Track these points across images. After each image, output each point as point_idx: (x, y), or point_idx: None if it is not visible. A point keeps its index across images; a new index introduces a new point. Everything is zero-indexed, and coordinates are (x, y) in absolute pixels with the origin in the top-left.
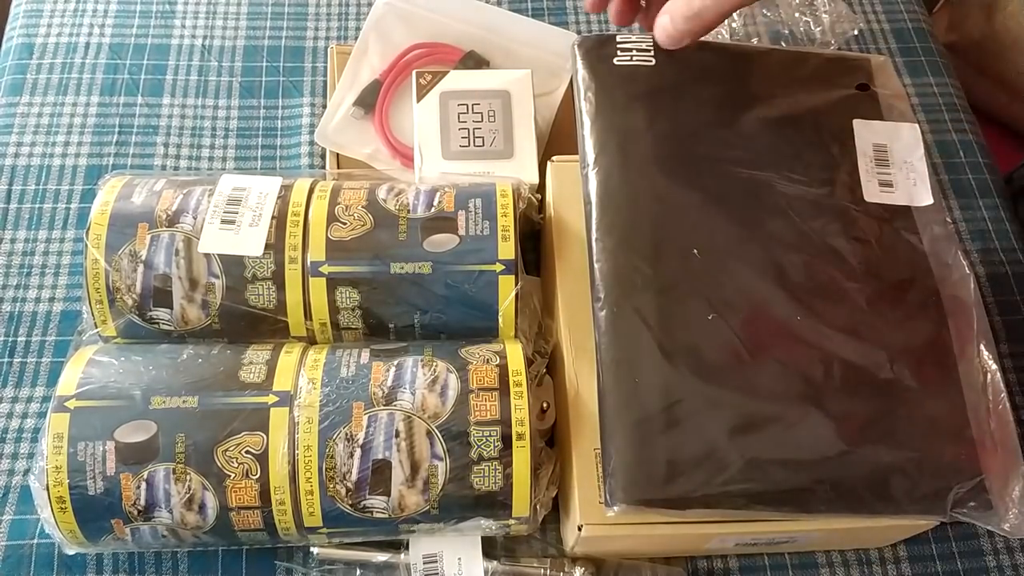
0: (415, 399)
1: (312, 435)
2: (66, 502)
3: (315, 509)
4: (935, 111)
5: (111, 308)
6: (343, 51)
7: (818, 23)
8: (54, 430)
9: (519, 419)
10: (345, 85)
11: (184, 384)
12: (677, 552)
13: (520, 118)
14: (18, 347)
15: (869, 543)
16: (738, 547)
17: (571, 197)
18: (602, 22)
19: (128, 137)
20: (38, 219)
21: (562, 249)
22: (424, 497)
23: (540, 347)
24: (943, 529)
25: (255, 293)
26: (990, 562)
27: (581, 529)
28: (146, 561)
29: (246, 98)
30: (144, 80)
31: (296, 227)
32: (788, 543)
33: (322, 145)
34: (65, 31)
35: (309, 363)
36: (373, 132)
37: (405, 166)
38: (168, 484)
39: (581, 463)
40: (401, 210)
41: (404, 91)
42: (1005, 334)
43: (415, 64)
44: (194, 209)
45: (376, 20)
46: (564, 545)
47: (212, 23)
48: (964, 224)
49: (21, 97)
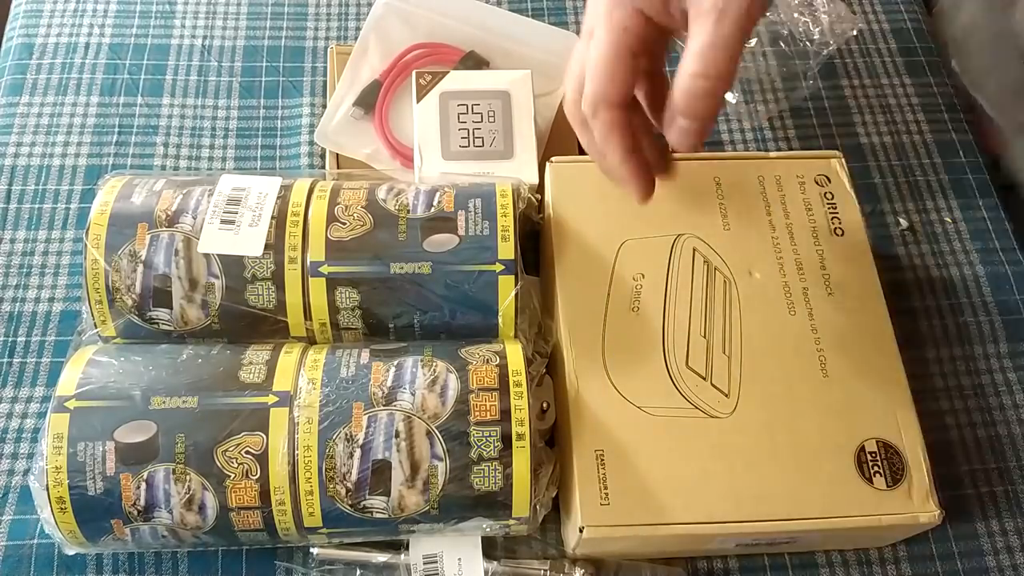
0: (415, 399)
1: (312, 435)
2: (66, 502)
3: (315, 509)
4: (935, 111)
5: (111, 308)
6: (343, 51)
7: (817, 23)
8: (54, 430)
9: (519, 419)
10: (345, 85)
11: (184, 384)
12: (678, 553)
13: (520, 118)
14: (18, 347)
15: (869, 543)
16: (739, 548)
17: (571, 197)
18: None
19: (128, 137)
20: (38, 219)
21: (562, 249)
22: (424, 497)
23: (540, 347)
24: (943, 529)
25: (255, 293)
26: (990, 562)
27: (582, 531)
28: (146, 561)
29: (246, 98)
30: (144, 80)
31: (296, 227)
32: (788, 544)
33: (322, 145)
34: (65, 31)
35: (309, 363)
36: (373, 132)
37: (405, 166)
38: (168, 484)
39: (581, 464)
40: (401, 210)
41: (404, 91)
42: (1005, 334)
43: (415, 64)
44: (194, 209)
45: (376, 20)
46: (565, 546)
47: (212, 23)
48: (964, 224)
49: (21, 97)
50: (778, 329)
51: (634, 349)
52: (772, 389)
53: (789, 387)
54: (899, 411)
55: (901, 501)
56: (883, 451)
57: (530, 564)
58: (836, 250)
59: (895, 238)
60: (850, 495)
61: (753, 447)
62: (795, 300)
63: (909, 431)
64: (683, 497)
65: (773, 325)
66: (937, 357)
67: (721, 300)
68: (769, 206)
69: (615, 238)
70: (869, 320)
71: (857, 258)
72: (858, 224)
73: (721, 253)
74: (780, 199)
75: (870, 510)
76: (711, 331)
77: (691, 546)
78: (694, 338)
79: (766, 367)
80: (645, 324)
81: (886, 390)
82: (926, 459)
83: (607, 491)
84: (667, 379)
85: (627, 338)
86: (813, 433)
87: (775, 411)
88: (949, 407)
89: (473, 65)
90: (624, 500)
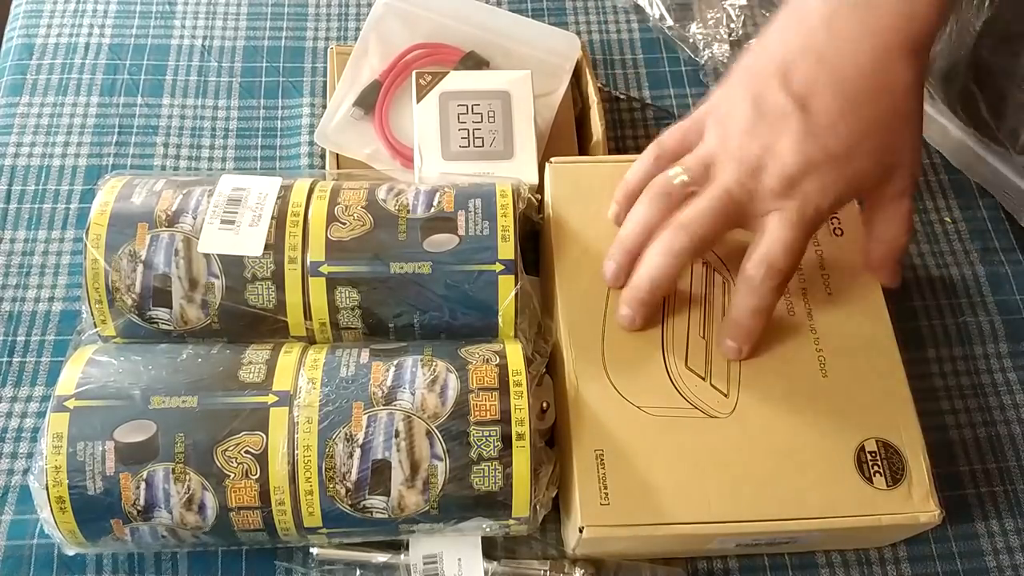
0: (415, 399)
1: (312, 435)
2: (65, 502)
3: (315, 509)
4: None
5: (110, 308)
6: (343, 51)
7: None
8: (53, 430)
9: (519, 419)
10: (345, 86)
11: (184, 384)
12: (679, 553)
13: (520, 119)
14: (17, 347)
15: (869, 543)
16: (739, 548)
17: (570, 197)
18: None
19: (128, 137)
20: (38, 219)
21: (562, 249)
22: (424, 497)
23: (540, 347)
24: (943, 529)
25: (255, 293)
26: (990, 562)
27: (582, 531)
28: (146, 561)
29: (246, 98)
30: (144, 80)
31: (296, 227)
32: (789, 543)
33: (322, 145)
34: (65, 31)
35: (309, 363)
36: (373, 132)
37: (405, 166)
38: (168, 484)
39: (581, 464)
40: (401, 210)
41: (404, 92)
42: (1005, 334)
43: (415, 64)
44: (194, 209)
45: (376, 20)
46: (565, 546)
47: (212, 23)
48: (964, 224)
49: (21, 97)
50: (777, 329)
51: (634, 349)
52: (771, 389)
53: (788, 387)
54: (899, 411)
55: (901, 501)
56: (883, 451)
57: (530, 564)
58: (835, 250)
59: None
60: (850, 495)
61: (753, 447)
62: (794, 300)
63: (909, 430)
64: (683, 497)
65: (772, 326)
66: (937, 357)
67: (720, 301)
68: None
69: (614, 238)
70: (868, 320)
71: (856, 258)
72: (857, 224)
73: (720, 254)
74: None
75: (870, 510)
76: (710, 332)
77: (691, 546)
78: (693, 339)
79: (765, 367)
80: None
81: (886, 390)
82: (926, 459)
83: (607, 491)
84: (667, 379)
85: (627, 339)
86: (813, 433)
87: (775, 411)
88: (949, 407)
89: (473, 65)
90: (624, 500)
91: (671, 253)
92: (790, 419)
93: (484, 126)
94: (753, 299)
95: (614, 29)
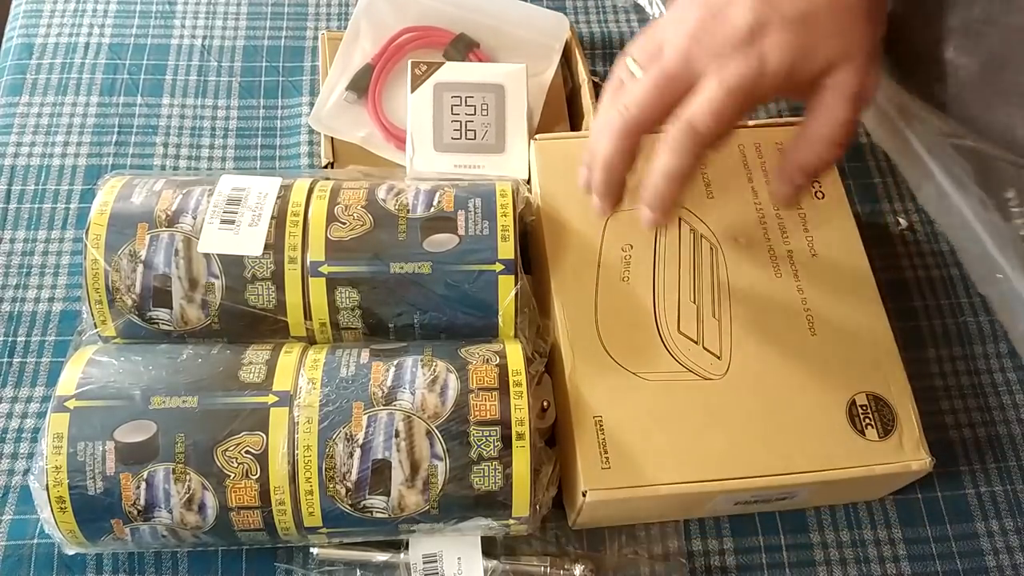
0: (415, 399)
1: (312, 435)
2: (66, 502)
3: (315, 509)
4: None
5: (111, 308)
6: (334, 37)
7: None
8: (54, 430)
9: (519, 419)
10: (337, 70)
11: (184, 384)
12: (677, 515)
13: (513, 112)
14: (18, 347)
15: (863, 496)
16: (737, 507)
17: (557, 173)
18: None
19: (128, 137)
20: (38, 219)
21: (551, 224)
22: (424, 497)
23: (539, 347)
24: (943, 529)
25: (255, 293)
26: (990, 562)
27: (585, 495)
28: (146, 561)
29: (246, 98)
30: (144, 80)
31: (296, 227)
32: (785, 500)
33: (316, 129)
34: (65, 31)
35: (309, 363)
36: (366, 116)
37: (399, 148)
38: (168, 484)
39: (581, 430)
40: (401, 210)
41: (396, 75)
42: (1005, 334)
43: (406, 47)
44: (193, 209)
45: (366, 5)
46: (568, 520)
47: (212, 23)
48: None
49: (21, 97)
50: (765, 291)
51: (627, 317)
52: (763, 350)
53: (779, 347)
54: (886, 364)
55: (893, 451)
56: (873, 404)
57: (530, 561)
58: (818, 212)
59: (895, 238)
60: (844, 448)
61: (747, 406)
62: (780, 262)
63: (897, 383)
64: (681, 457)
65: (760, 288)
66: (937, 357)
67: (709, 266)
68: (750, 173)
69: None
70: (852, 278)
71: (838, 219)
72: (838, 186)
73: (706, 221)
74: (760, 166)
75: (864, 461)
76: (700, 296)
77: (690, 505)
78: (684, 304)
79: (756, 329)
80: (636, 293)
81: (873, 343)
82: (915, 409)
83: (607, 455)
84: (660, 344)
85: (619, 307)
86: (805, 390)
87: (766, 370)
88: (949, 407)
89: (463, 47)
90: (624, 463)
91: (612, 134)
92: (782, 378)
93: (477, 119)
94: (668, 159)
95: (615, 29)
